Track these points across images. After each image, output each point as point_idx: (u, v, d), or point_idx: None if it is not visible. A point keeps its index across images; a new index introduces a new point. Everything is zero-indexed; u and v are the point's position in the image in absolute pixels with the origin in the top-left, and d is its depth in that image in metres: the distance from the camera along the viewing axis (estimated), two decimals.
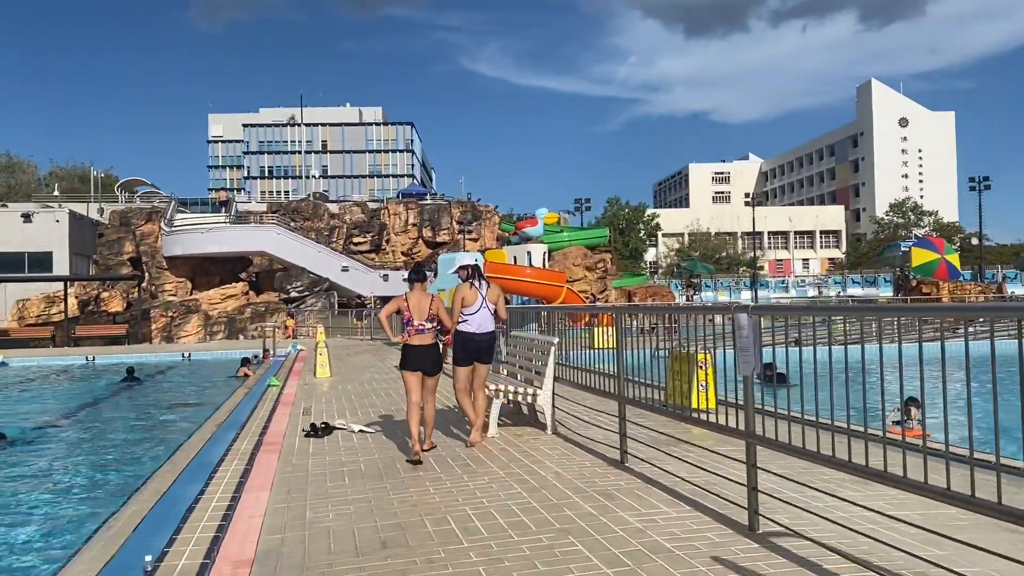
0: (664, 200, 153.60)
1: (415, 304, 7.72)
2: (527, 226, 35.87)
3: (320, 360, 16.60)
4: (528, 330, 12.53)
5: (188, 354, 28.78)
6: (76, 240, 43.58)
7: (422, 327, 7.68)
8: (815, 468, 5.74)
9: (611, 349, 7.34)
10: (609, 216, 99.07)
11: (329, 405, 12.03)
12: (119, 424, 14.63)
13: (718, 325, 5.83)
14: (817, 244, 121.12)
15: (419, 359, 7.72)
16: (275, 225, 44.43)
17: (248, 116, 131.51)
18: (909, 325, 4.82)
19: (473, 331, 8.06)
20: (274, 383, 14.76)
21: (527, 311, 14.44)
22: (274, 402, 12.64)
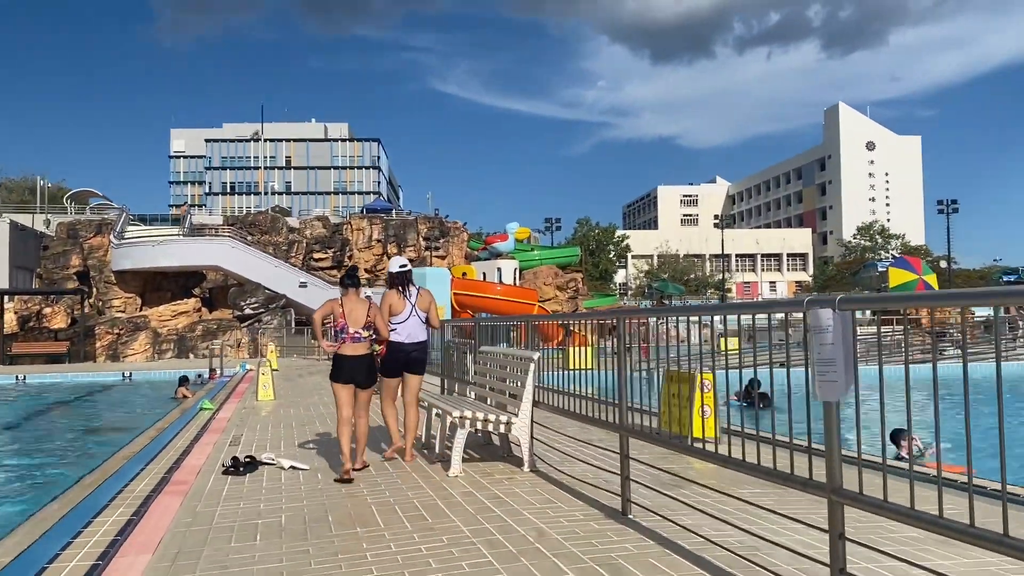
0: (633, 222, 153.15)
1: (350, 310, 7.17)
2: (497, 241, 34.31)
3: (263, 381, 14.75)
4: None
5: (128, 373, 26.70)
6: (17, 252, 41.09)
7: (358, 335, 7.15)
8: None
9: (589, 369, 6.51)
10: (579, 237, 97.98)
11: (263, 433, 10.23)
12: (20, 451, 12.67)
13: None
14: (784, 267, 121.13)
15: (353, 370, 7.17)
16: (229, 238, 42.34)
17: (211, 131, 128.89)
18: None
19: (402, 340, 7.66)
20: (207, 406, 12.90)
21: (498, 326, 12.83)
22: (201, 428, 10.81)
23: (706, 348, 5.03)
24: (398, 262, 7.95)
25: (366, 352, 7.27)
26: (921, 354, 22.83)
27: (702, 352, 5.22)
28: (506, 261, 34.05)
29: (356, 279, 7.60)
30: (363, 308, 7.25)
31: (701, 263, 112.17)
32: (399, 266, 7.87)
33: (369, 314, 7.25)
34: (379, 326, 7.37)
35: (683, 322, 5.17)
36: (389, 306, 7.66)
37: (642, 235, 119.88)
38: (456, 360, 10.34)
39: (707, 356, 4.86)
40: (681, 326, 5.21)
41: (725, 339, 5.08)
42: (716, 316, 5.48)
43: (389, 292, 7.77)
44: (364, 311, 7.23)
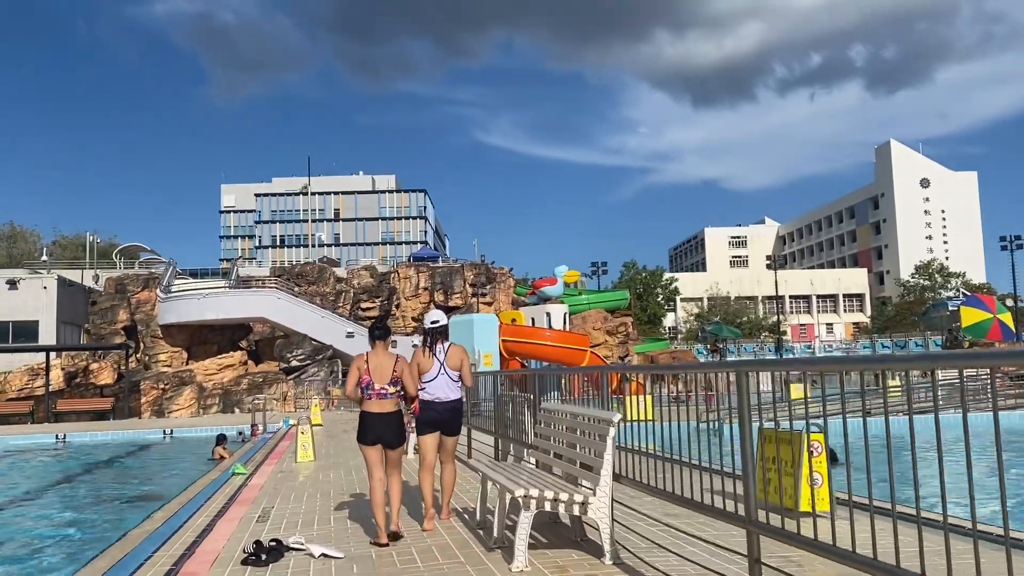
0: (680, 265, 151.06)
1: (376, 365, 6.78)
2: (545, 285, 33.07)
3: (302, 441, 13.64)
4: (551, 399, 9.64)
5: (169, 431, 25.85)
6: (65, 308, 41.05)
7: (384, 392, 6.75)
8: None
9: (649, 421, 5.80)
10: (626, 280, 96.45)
11: (297, 504, 9.06)
12: (40, 518, 11.68)
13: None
14: (840, 308, 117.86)
15: (379, 429, 6.76)
16: (275, 289, 41.81)
17: (261, 186, 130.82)
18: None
19: (432, 399, 7.32)
20: (240, 471, 11.80)
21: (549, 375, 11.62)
22: (230, 499, 9.69)
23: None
24: (431, 318, 7.60)
25: (394, 409, 6.85)
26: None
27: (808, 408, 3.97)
28: (555, 306, 32.76)
29: (383, 331, 7.17)
30: (390, 362, 6.86)
31: (753, 305, 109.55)
32: (431, 322, 7.54)
33: (395, 369, 6.82)
34: (406, 383, 6.91)
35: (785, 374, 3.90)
36: (417, 365, 7.34)
37: (691, 278, 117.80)
38: (511, 417, 9.12)
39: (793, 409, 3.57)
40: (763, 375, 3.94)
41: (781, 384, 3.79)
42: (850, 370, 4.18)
43: (417, 350, 7.53)
44: (390, 366, 6.83)
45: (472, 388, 10.21)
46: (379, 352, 6.94)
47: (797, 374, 3.28)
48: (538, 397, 7.79)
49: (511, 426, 9.15)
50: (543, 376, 8.80)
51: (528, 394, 8.48)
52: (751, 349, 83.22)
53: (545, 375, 9.02)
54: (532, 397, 8.26)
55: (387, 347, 7.10)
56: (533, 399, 7.77)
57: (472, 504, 8.13)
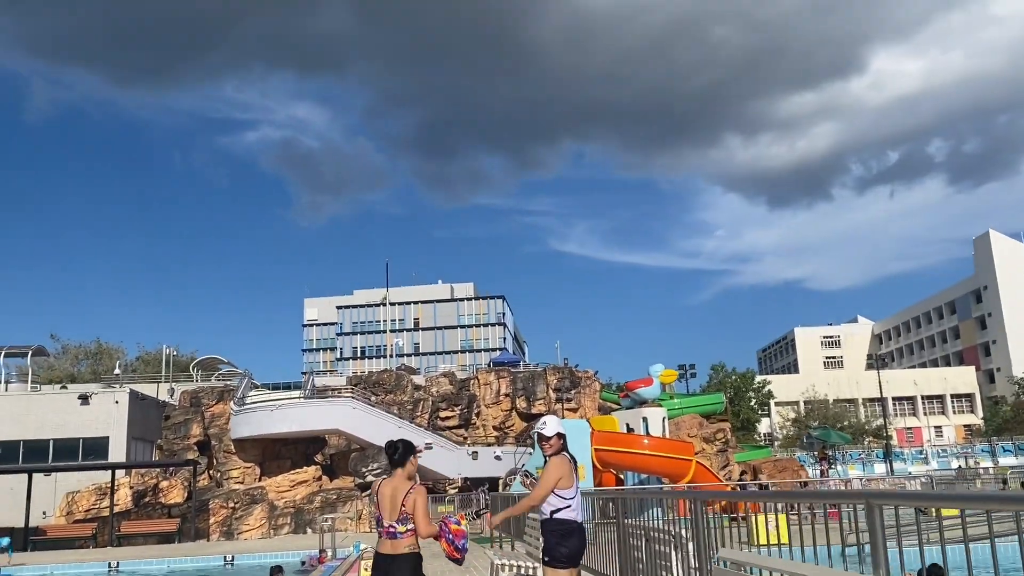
0: (770, 367, 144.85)
1: (386, 497, 5.77)
2: (640, 386, 30.05)
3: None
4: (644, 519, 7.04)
5: (231, 557, 23.37)
6: (137, 423, 39.69)
7: (392, 530, 5.68)
8: None
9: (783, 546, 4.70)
10: (715, 383, 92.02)
11: None
12: None
13: None
14: (949, 409, 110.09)
15: (387, 573, 5.61)
16: (351, 399, 39.75)
17: (342, 298, 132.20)
18: None
19: (576, 518, 6.14)
20: None
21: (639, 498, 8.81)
22: None
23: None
24: (555, 422, 6.66)
25: (406, 551, 5.69)
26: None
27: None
28: (652, 409, 29.64)
29: (402, 453, 6.01)
30: (401, 492, 5.78)
31: (854, 408, 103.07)
32: (558, 426, 6.61)
33: (404, 503, 5.70)
34: (417, 520, 5.71)
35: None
36: (560, 476, 6.25)
37: (784, 380, 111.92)
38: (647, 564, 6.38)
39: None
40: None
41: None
42: None
43: (558, 458, 6.42)
44: (400, 497, 5.74)
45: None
46: (394, 479, 5.89)
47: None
48: (704, 538, 5.04)
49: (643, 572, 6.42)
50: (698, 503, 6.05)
51: (676, 531, 5.77)
52: (857, 456, 77.26)
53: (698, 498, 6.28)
54: (684, 535, 5.55)
55: (407, 474, 5.96)
56: (696, 540, 5.02)
57: None
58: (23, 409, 37.94)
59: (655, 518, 6.52)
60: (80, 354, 70.72)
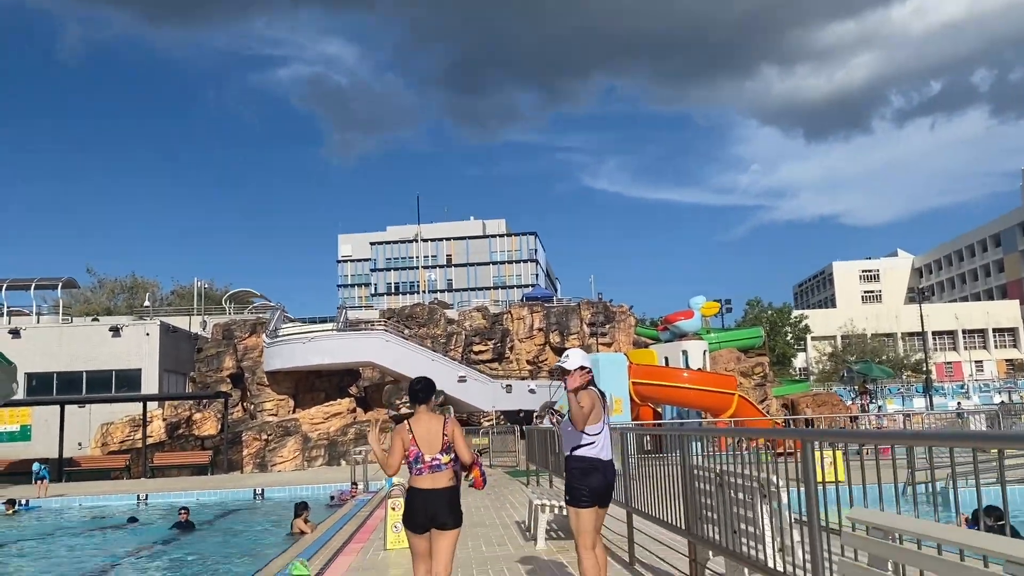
0: (806, 302, 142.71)
1: (423, 432, 5.55)
2: (680, 319, 28.97)
3: (394, 519, 10.19)
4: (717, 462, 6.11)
5: (260, 491, 22.98)
6: (168, 355, 39.47)
7: (436, 463, 5.48)
8: None
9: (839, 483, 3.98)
10: (751, 319, 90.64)
11: None
12: None
13: None
14: (990, 343, 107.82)
15: (432, 508, 5.45)
16: (384, 332, 39.15)
17: (376, 235, 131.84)
18: None
19: (598, 455, 5.80)
20: (299, 571, 8.37)
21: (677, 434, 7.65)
22: None
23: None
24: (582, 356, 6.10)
25: (449, 484, 5.61)
26: None
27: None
28: (693, 342, 28.59)
29: (426, 390, 5.91)
30: (438, 426, 5.68)
31: (892, 343, 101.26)
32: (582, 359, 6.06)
33: (445, 432, 5.67)
34: (459, 448, 5.68)
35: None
36: (591, 409, 5.82)
37: (821, 314, 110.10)
38: (721, 515, 5.41)
39: None
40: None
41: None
42: None
43: (585, 392, 5.89)
44: (439, 429, 5.66)
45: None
46: (423, 417, 5.76)
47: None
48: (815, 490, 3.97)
49: (716, 524, 5.46)
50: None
51: (766, 476, 4.77)
52: (896, 391, 75.94)
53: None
54: (775, 483, 4.56)
55: (431, 408, 5.84)
56: (807, 486, 3.96)
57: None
58: (55, 341, 37.84)
59: (722, 460, 5.49)
60: (116, 288, 70.99)
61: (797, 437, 4.00)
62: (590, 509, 5.78)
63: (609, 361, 25.06)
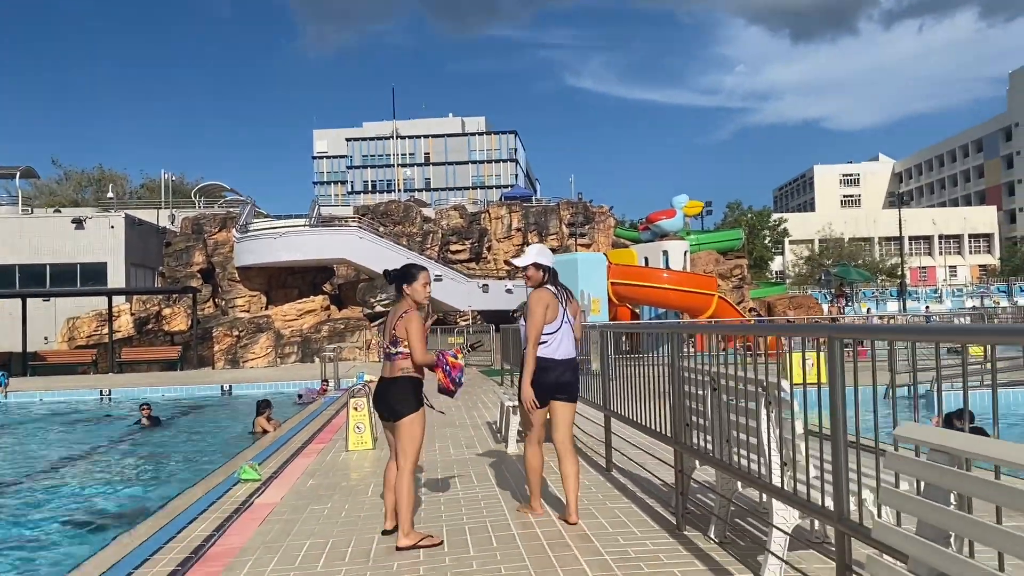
0: (786, 206, 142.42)
1: (390, 319, 5.49)
2: (662, 218, 28.21)
3: (356, 419, 9.55)
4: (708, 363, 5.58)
5: (228, 387, 22.44)
6: (135, 249, 38.31)
7: (387, 351, 5.46)
8: None
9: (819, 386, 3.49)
10: (731, 221, 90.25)
11: (311, 559, 4.92)
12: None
13: None
14: (965, 249, 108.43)
15: (380, 396, 5.45)
16: (357, 228, 38.14)
17: (352, 131, 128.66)
18: None
19: (551, 355, 5.65)
20: (249, 475, 7.73)
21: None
22: (210, 537, 5.66)
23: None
24: (547, 253, 5.95)
25: (393, 375, 5.37)
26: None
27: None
28: (674, 242, 27.91)
29: (400, 275, 5.57)
30: (395, 316, 5.43)
31: (869, 247, 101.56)
32: (549, 259, 5.90)
33: (395, 325, 5.37)
34: (412, 344, 5.29)
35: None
36: (545, 308, 5.66)
37: (800, 218, 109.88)
38: (714, 422, 4.76)
39: None
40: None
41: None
42: None
43: (541, 291, 5.76)
44: (394, 320, 5.41)
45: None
46: (398, 305, 5.58)
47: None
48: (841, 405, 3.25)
49: (707, 432, 4.82)
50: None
51: (766, 380, 4.08)
52: (870, 294, 76.38)
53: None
54: (784, 387, 3.89)
55: (411, 298, 5.58)
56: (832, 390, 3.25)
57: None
58: (16, 233, 36.53)
59: (719, 361, 4.80)
60: (83, 181, 68.95)
61: (823, 333, 3.26)
62: (542, 409, 5.73)
63: (588, 261, 24.36)
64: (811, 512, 3.47)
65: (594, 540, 5.20)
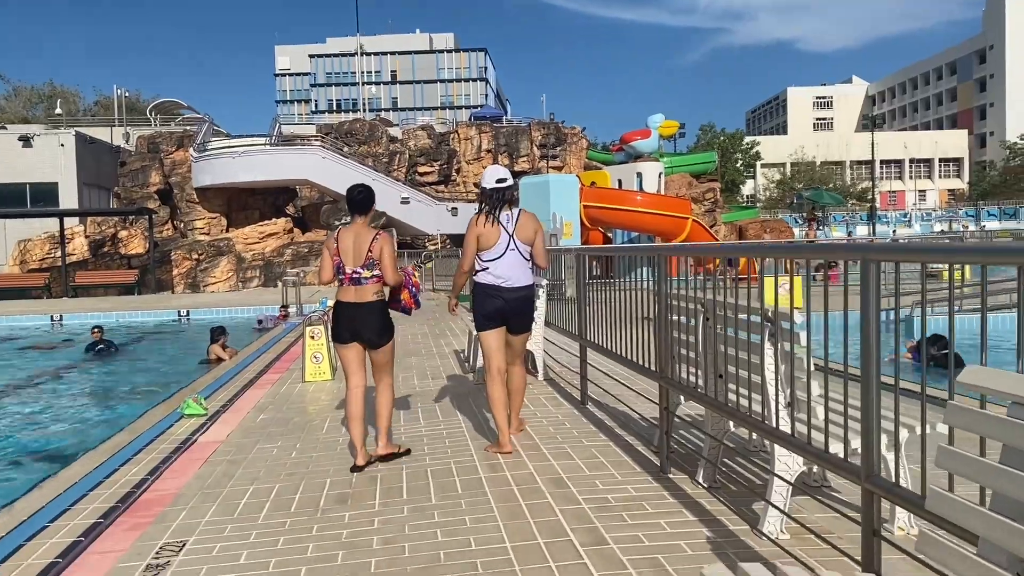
0: (759, 128, 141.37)
1: (348, 244, 5.33)
2: (636, 138, 27.41)
3: (313, 349, 8.93)
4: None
5: (186, 312, 21.67)
6: (88, 169, 36.72)
7: (357, 275, 5.29)
8: None
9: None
10: (703, 144, 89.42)
11: (262, 485, 4.36)
12: None
13: None
14: (936, 173, 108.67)
15: (355, 323, 5.32)
16: (320, 148, 36.90)
17: (315, 47, 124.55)
18: None
19: (494, 283, 5.52)
20: (192, 410, 7.10)
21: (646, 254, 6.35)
22: (152, 473, 5.08)
23: None
24: (494, 175, 5.62)
25: (373, 299, 5.33)
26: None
27: None
28: (648, 164, 27.18)
29: (363, 200, 5.44)
30: (366, 239, 5.32)
31: (841, 171, 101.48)
32: (496, 180, 5.58)
33: (371, 248, 5.28)
34: (384, 266, 5.32)
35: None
36: (476, 236, 5.53)
37: (772, 141, 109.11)
38: (705, 356, 4.18)
39: None
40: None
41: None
42: None
43: (474, 219, 5.60)
44: (367, 243, 5.30)
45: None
46: (355, 227, 5.41)
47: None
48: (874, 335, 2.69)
49: (697, 366, 4.28)
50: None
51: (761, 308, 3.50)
52: (840, 218, 76.48)
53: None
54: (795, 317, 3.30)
55: (369, 221, 5.50)
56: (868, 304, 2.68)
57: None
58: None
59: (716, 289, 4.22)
60: (33, 97, 66.17)
61: (856, 255, 2.65)
62: (488, 332, 5.61)
63: (560, 183, 23.61)
64: (832, 467, 2.92)
65: (570, 485, 4.67)
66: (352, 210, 5.46)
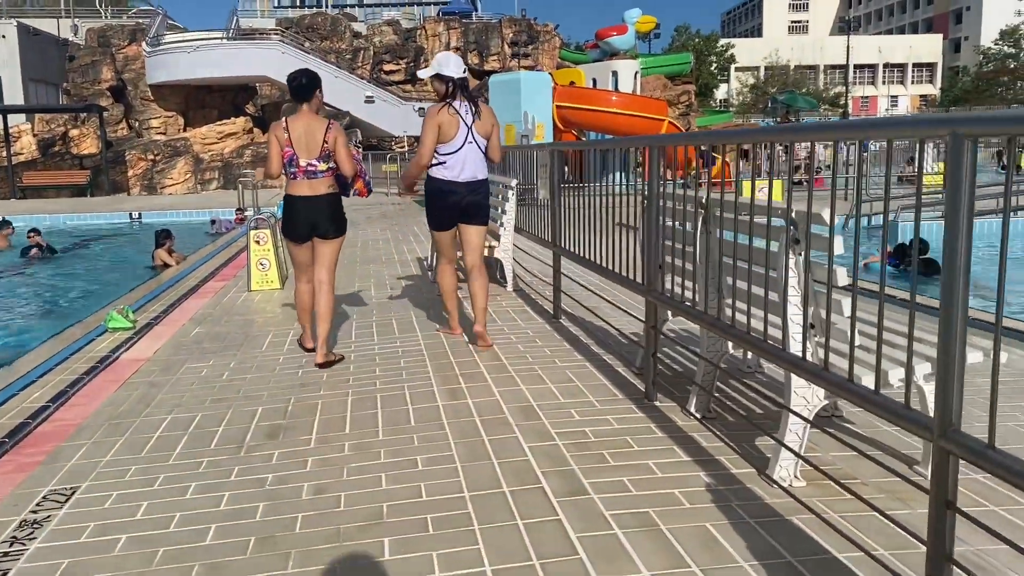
0: (734, 31, 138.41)
1: (300, 135, 5.00)
2: (612, 34, 26.14)
3: (259, 253, 8.15)
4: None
5: (138, 215, 20.57)
6: (33, 63, 34.61)
7: (312, 168, 5.03)
8: None
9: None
10: (678, 46, 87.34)
11: (173, 431, 3.65)
12: None
13: None
14: (908, 79, 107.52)
15: (312, 217, 5.12)
16: (280, 43, 35.04)
17: None
18: None
19: (453, 178, 5.30)
20: (117, 323, 6.32)
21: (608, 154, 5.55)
22: (58, 398, 4.37)
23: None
24: (459, 64, 5.27)
25: (327, 191, 5.13)
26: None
27: None
28: (624, 62, 25.96)
29: (308, 85, 5.13)
30: (319, 130, 5.04)
31: (815, 76, 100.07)
32: (460, 70, 5.24)
33: (326, 139, 5.03)
34: (339, 159, 5.12)
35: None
36: (437, 127, 5.16)
37: (747, 44, 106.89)
38: (707, 270, 3.45)
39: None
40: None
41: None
42: None
43: (434, 108, 5.26)
44: (320, 134, 5.02)
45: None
46: (304, 116, 5.09)
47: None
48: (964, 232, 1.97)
49: (693, 280, 3.57)
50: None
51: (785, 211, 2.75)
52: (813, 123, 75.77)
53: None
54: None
55: (316, 109, 5.16)
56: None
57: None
58: None
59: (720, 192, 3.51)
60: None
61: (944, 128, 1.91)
62: (443, 232, 5.52)
63: (531, 81, 22.48)
64: (896, 419, 2.23)
65: (541, 415, 4.02)
66: (296, 98, 5.16)
